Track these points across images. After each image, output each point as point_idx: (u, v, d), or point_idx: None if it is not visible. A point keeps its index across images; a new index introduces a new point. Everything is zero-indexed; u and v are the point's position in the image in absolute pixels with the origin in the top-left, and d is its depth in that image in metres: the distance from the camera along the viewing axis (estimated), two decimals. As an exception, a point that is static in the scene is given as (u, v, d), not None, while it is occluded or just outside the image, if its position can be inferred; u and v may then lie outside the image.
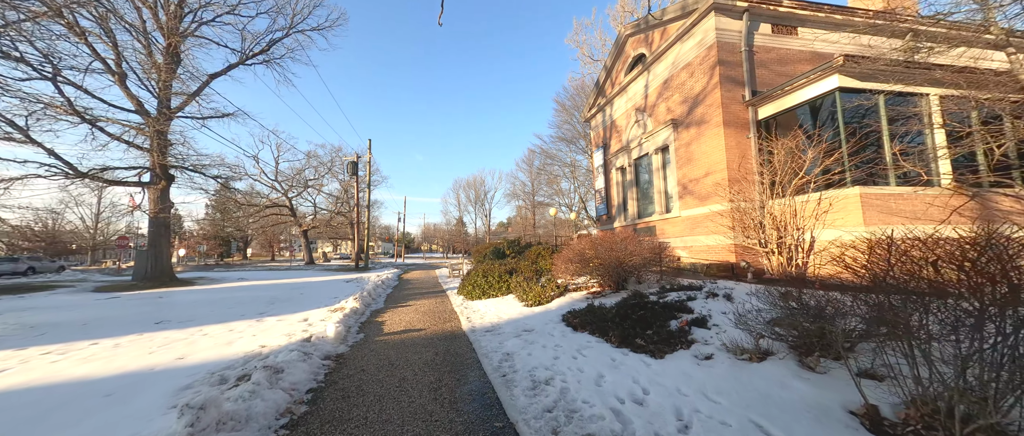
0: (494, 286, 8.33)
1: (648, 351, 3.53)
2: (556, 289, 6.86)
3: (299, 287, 13.64)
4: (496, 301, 7.88)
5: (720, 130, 9.11)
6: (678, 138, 10.69)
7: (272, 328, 6.39)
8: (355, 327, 6.36)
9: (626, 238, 6.66)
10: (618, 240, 6.56)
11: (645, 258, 6.28)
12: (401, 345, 5.18)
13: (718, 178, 9.15)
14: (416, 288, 13.16)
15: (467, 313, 7.11)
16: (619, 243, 6.49)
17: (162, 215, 16.95)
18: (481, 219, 65.49)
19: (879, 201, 6.88)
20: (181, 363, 4.56)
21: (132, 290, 14.41)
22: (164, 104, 16.04)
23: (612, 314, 4.53)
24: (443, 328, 6.11)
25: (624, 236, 6.76)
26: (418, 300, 9.66)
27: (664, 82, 11.34)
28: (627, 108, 13.59)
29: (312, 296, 10.84)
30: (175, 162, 17.64)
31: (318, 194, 39.68)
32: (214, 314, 8.16)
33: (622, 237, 6.71)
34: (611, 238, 6.81)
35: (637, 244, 6.42)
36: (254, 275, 20.91)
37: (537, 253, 10.38)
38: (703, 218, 9.70)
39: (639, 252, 6.25)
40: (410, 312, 7.73)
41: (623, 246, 6.27)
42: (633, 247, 6.25)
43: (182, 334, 6.27)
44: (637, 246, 6.36)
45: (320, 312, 7.74)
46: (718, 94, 9.15)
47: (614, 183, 14.59)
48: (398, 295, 11.00)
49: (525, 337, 4.82)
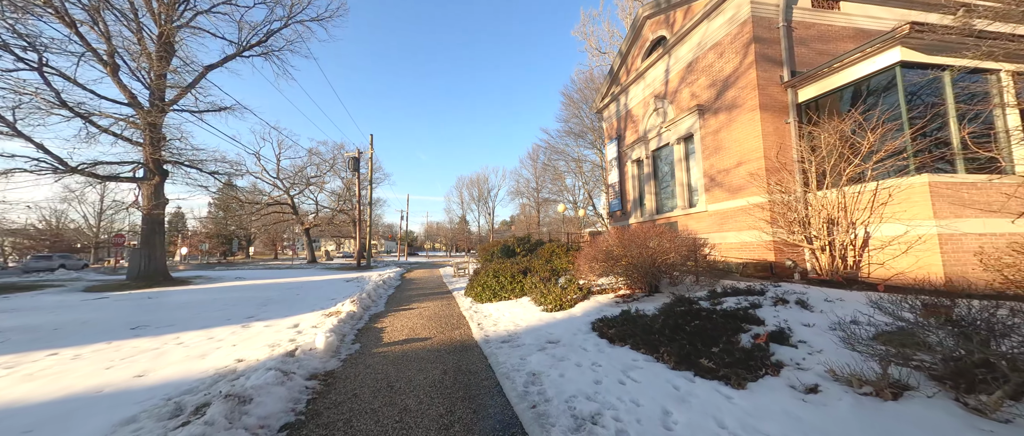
0: (506, 287, 7.52)
1: (722, 377, 2.71)
2: (578, 291, 6.05)
3: (296, 287, 12.90)
4: (509, 305, 7.07)
5: (756, 114, 8.22)
6: (704, 125, 9.80)
7: (257, 336, 5.61)
8: (351, 335, 5.56)
9: (660, 233, 5.82)
10: (651, 235, 5.73)
11: (683, 256, 5.44)
12: (403, 359, 4.38)
13: (753, 168, 8.27)
14: (420, 288, 12.38)
15: (478, 318, 6.30)
16: (651, 239, 5.66)
17: (156, 212, 16.27)
18: (484, 217, 64.75)
19: (950, 191, 5.98)
20: (137, 383, 3.79)
21: (124, 290, 13.72)
22: (157, 96, 15.33)
23: (658, 324, 3.71)
24: (451, 337, 5.30)
25: (657, 231, 5.93)
26: (422, 302, 8.87)
27: (688, 65, 10.45)
28: (644, 96, 12.71)
29: (308, 297, 10.08)
30: (170, 157, 16.96)
31: (320, 192, 39.10)
32: (198, 318, 7.41)
33: (655, 232, 5.88)
34: (641, 233, 5.97)
35: (672, 240, 5.58)
36: (253, 274, 20.24)
37: (551, 251, 9.55)
38: (735, 212, 8.83)
39: (674, 249, 5.41)
40: (413, 317, 6.94)
41: (657, 242, 5.44)
42: (669, 243, 5.41)
43: (154, 343, 5.51)
44: (672, 242, 5.53)
45: (313, 316, 6.96)
46: (753, 75, 8.26)
47: (629, 176, 13.72)
48: (400, 296, 10.22)
49: (552, 351, 4.00)
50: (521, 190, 49.79)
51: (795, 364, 2.74)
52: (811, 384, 2.47)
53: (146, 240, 16.28)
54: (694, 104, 10.09)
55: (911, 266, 6.10)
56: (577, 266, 6.93)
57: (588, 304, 5.75)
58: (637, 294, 5.70)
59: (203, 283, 15.68)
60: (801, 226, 6.99)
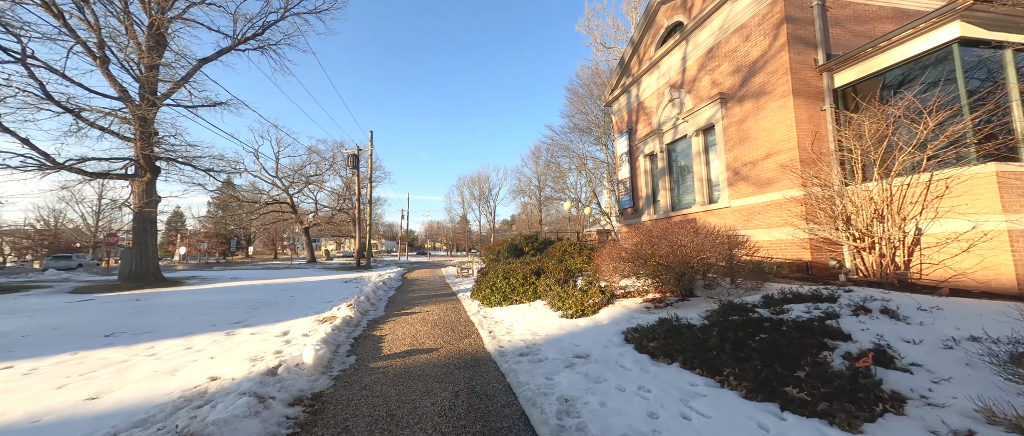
0: (517, 290, 6.87)
1: (822, 414, 2.05)
2: (600, 295, 5.40)
3: (292, 288, 12.27)
4: (521, 309, 6.42)
5: (788, 101, 7.55)
6: (727, 115, 9.13)
7: (240, 346, 4.97)
8: (346, 345, 4.92)
9: (695, 229, 5.16)
10: (682, 231, 5.07)
11: (720, 255, 4.78)
12: (405, 377, 3.73)
13: (785, 159, 7.61)
14: (422, 290, 11.73)
15: (488, 325, 5.65)
16: (683, 235, 5.00)
17: (148, 210, 15.65)
18: (485, 216, 64.08)
19: (1020, 182, 5.30)
20: (86, 409, 3.15)
21: (112, 291, 13.11)
22: (147, 89, 14.68)
23: (714, 338, 3.06)
24: (460, 348, 4.64)
25: (691, 227, 5.26)
26: (425, 305, 8.22)
27: (708, 51, 9.77)
28: (658, 86, 12.03)
29: (303, 299, 9.44)
30: (162, 153, 16.34)
31: (320, 191, 38.51)
32: (181, 324, 6.78)
33: (690, 228, 5.21)
34: (672, 229, 5.31)
35: (708, 236, 4.92)
36: (250, 274, 19.61)
37: (562, 250, 8.89)
38: (763, 208, 8.17)
39: (712, 247, 4.75)
40: (416, 322, 6.29)
41: (692, 239, 4.79)
42: (707, 243, 4.74)
43: (124, 354, 4.87)
44: (709, 239, 4.86)
45: (306, 322, 6.31)
46: (785, 57, 7.59)
47: (641, 172, 13.05)
48: (402, 298, 9.57)
49: (583, 369, 3.35)
50: (523, 189, 49.16)
51: (920, 397, 2.09)
52: (962, 430, 1.82)
53: (138, 239, 15.66)
54: (715, 92, 9.41)
55: (974, 266, 5.43)
56: (596, 266, 6.28)
57: (614, 310, 5.10)
58: (669, 298, 5.05)
59: (196, 284, 15.08)
60: (844, 222, 6.32)
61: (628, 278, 6.14)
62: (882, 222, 5.99)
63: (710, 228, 5.35)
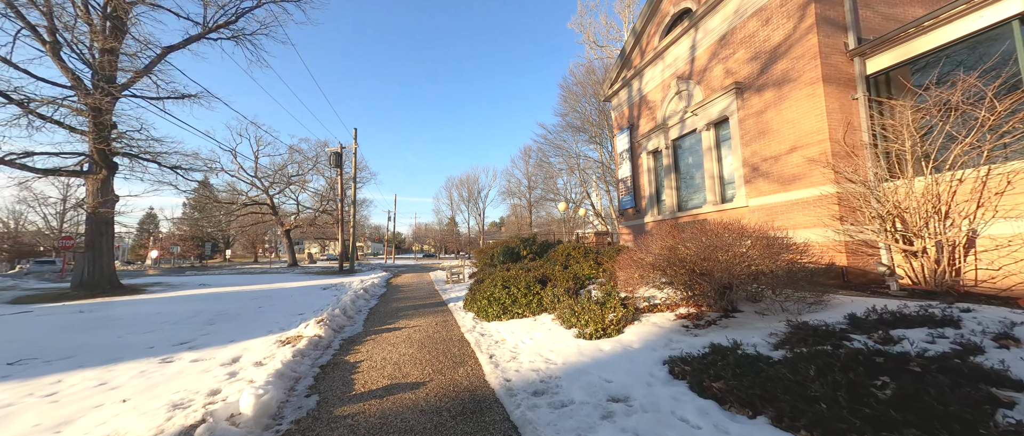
0: (518, 301, 5.90)
1: None
2: (622, 309, 4.49)
3: (264, 297, 11.04)
4: (525, 325, 5.47)
5: (817, 88, 6.82)
6: (744, 106, 8.38)
7: (170, 381, 3.88)
8: (308, 379, 3.88)
9: (740, 230, 4.30)
10: (725, 234, 4.21)
11: (776, 261, 3.92)
12: (380, 430, 2.74)
13: (814, 152, 6.87)
14: (408, 297, 10.66)
15: (487, 345, 4.68)
16: (723, 238, 4.14)
17: (103, 210, 14.16)
18: (474, 218, 62.97)
19: (1099, 175, 4.62)
20: None
21: (58, 301, 11.64)
22: (102, 77, 13.24)
23: (813, 381, 2.16)
24: (455, 382, 3.66)
25: (736, 228, 4.40)
26: (411, 318, 7.19)
27: (721, 38, 9.03)
28: (664, 78, 11.27)
29: (271, 311, 8.29)
30: (121, 147, 14.88)
31: (302, 192, 36.80)
32: (114, 345, 5.61)
33: (735, 229, 4.35)
34: (711, 231, 4.44)
35: (758, 240, 4.06)
36: (223, 279, 18.11)
37: (566, 254, 7.98)
38: (787, 207, 7.42)
39: (766, 253, 3.89)
40: (400, 343, 5.27)
41: (739, 243, 3.92)
42: (760, 250, 3.87)
43: (14, 393, 3.75)
44: (759, 243, 4.00)
45: (265, 343, 5.23)
46: (814, 41, 6.86)
47: (644, 170, 12.27)
48: (385, 309, 8.50)
49: (627, 421, 2.42)
50: (512, 190, 48.29)
51: None
52: None
53: (91, 243, 14.14)
54: (730, 82, 8.66)
55: (1044, 272, 4.73)
56: (609, 273, 5.39)
57: (641, 328, 4.19)
58: (708, 314, 4.18)
59: (158, 291, 13.66)
60: (892, 222, 5.57)
61: (648, 288, 5.25)
62: (941, 222, 5.25)
63: (752, 228, 4.50)
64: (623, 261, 5.12)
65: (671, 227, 7.39)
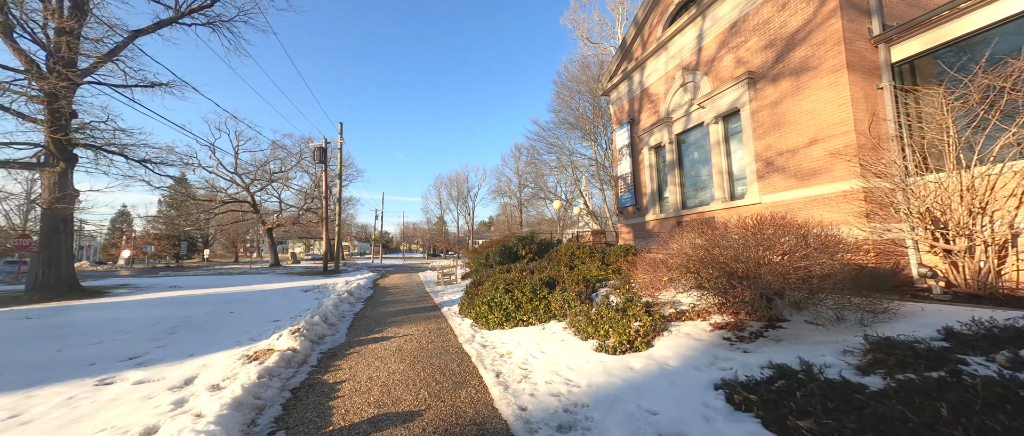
0: (523, 307, 5.24)
1: None
2: (647, 317, 3.89)
3: (238, 300, 10.14)
4: (533, 334, 4.83)
5: (841, 76, 6.37)
6: (757, 97, 7.92)
7: (99, 411, 3.12)
8: (275, 407, 3.17)
9: (784, 225, 3.73)
10: (765, 229, 3.64)
11: (823, 264, 3.38)
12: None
13: (838, 145, 6.42)
14: (397, 301, 9.91)
15: (492, 360, 4.03)
16: (763, 234, 3.58)
17: (61, 207, 12.95)
18: (464, 217, 62.06)
19: None
20: None
21: (10, 305, 10.53)
22: (58, 60, 12.08)
23: (976, 431, 1.61)
24: (457, 409, 3.00)
25: (779, 222, 3.82)
26: (401, 325, 6.48)
27: (731, 26, 8.55)
28: (667, 70, 10.78)
29: (242, 317, 7.47)
30: (82, 138, 13.68)
31: (285, 189, 35.41)
32: (49, 361, 4.77)
33: (779, 223, 3.76)
34: (747, 227, 3.87)
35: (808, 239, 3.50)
36: (197, 281, 16.96)
37: (570, 253, 7.37)
38: (805, 204, 6.96)
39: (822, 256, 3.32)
40: (388, 356, 4.57)
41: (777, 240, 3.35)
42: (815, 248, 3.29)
43: None
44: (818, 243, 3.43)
45: (230, 359, 4.46)
46: (838, 25, 6.41)
47: (645, 166, 11.77)
48: (371, 315, 7.76)
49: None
50: (503, 189, 47.58)
51: None
52: None
53: (47, 242, 12.94)
54: (742, 72, 8.19)
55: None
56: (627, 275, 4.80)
57: (674, 340, 3.58)
58: (749, 323, 3.62)
59: (123, 294, 12.59)
60: (932, 220, 5.12)
61: (670, 291, 4.67)
62: (987, 220, 4.82)
63: (798, 223, 3.94)
64: (644, 262, 4.52)
65: (673, 225, 6.85)
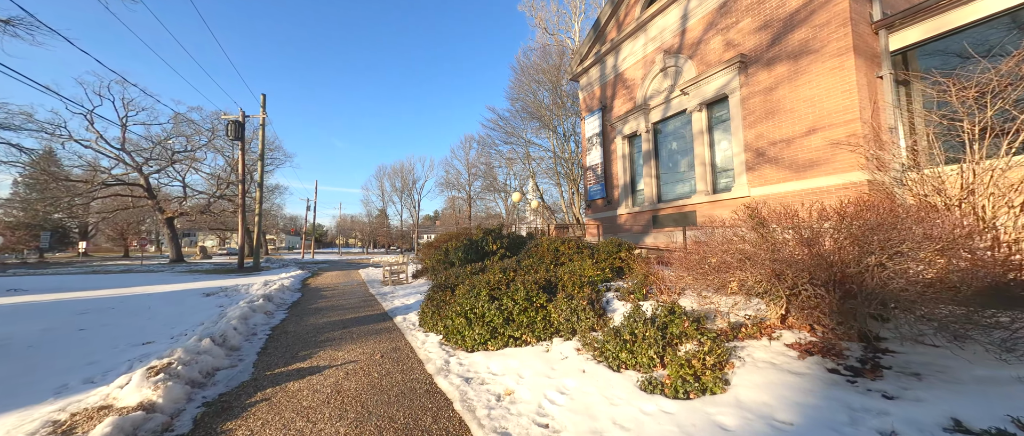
0: (515, 319, 3.85)
1: None
2: (708, 341, 2.77)
3: (101, 310, 7.44)
4: (534, 358, 3.52)
5: (846, 60, 5.93)
6: (749, 82, 7.38)
7: None
8: None
9: (891, 210, 2.84)
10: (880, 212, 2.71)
11: (943, 266, 2.54)
12: None
13: (839, 134, 5.99)
14: (333, 307, 7.98)
15: (484, 407, 2.66)
16: (868, 212, 2.66)
17: None
18: (408, 210, 58.58)
19: None
20: None
21: None
22: None
23: None
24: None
25: (871, 204, 2.93)
26: (339, 346, 4.79)
27: (721, 6, 7.96)
28: (646, 53, 10.06)
29: (99, 337, 5.17)
30: None
31: (192, 172, 29.81)
32: None
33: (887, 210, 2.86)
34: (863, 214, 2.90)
35: (930, 227, 2.63)
36: (58, 282, 12.89)
37: (554, 249, 6.18)
38: (800, 197, 6.49)
39: (944, 248, 2.46)
40: (320, 406, 2.97)
41: (894, 230, 2.45)
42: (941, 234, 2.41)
43: None
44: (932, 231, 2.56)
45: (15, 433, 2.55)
46: (844, 4, 5.95)
47: (618, 156, 11.03)
48: (296, 330, 5.88)
49: None
50: (451, 181, 45.41)
51: None
52: None
53: None
54: (732, 55, 7.62)
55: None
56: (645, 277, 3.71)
57: (757, 374, 2.45)
58: (842, 344, 2.69)
59: (-82, 304, 8.91)
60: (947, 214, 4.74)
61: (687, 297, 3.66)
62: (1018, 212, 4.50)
63: (935, 215, 3.08)
64: (680, 262, 3.43)
65: (648, 219, 5.99)
